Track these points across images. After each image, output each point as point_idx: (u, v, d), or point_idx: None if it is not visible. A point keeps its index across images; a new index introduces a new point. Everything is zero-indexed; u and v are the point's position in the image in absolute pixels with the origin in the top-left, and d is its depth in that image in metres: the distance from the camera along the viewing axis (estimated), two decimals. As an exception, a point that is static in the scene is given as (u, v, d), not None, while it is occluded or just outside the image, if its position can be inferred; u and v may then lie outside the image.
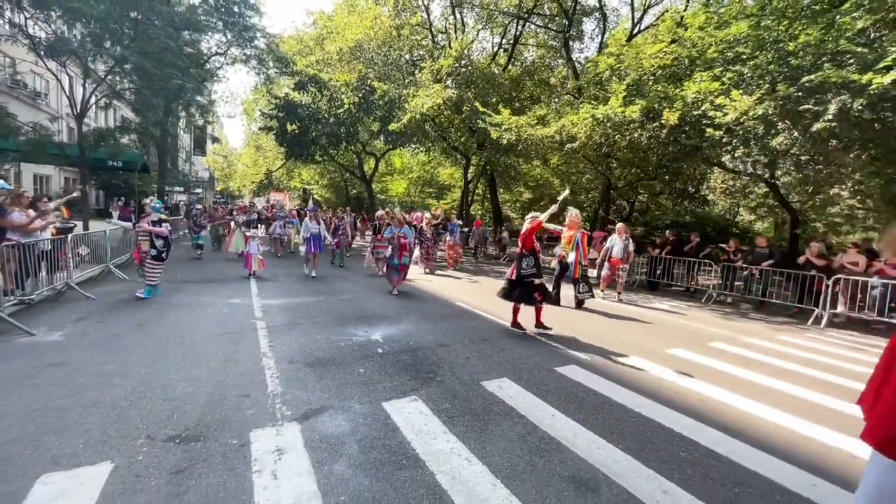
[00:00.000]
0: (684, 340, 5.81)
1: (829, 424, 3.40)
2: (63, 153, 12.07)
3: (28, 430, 2.76)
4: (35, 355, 4.09)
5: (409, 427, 3.00)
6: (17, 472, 2.34)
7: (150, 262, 6.56)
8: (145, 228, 6.58)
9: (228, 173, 45.70)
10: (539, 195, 22.85)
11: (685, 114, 9.13)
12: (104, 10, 10.30)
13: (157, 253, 6.56)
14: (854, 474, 2.70)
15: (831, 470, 2.73)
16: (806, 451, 2.98)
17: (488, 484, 2.40)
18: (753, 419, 3.44)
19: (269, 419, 3.04)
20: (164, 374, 3.76)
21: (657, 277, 10.77)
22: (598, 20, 17.47)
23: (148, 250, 6.51)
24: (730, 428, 3.23)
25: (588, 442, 2.92)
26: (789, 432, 3.24)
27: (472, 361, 4.46)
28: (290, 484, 2.32)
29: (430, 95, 14.16)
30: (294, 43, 22.06)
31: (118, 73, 12.31)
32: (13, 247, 5.43)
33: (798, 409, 3.69)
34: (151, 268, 6.58)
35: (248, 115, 30.84)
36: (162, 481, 2.31)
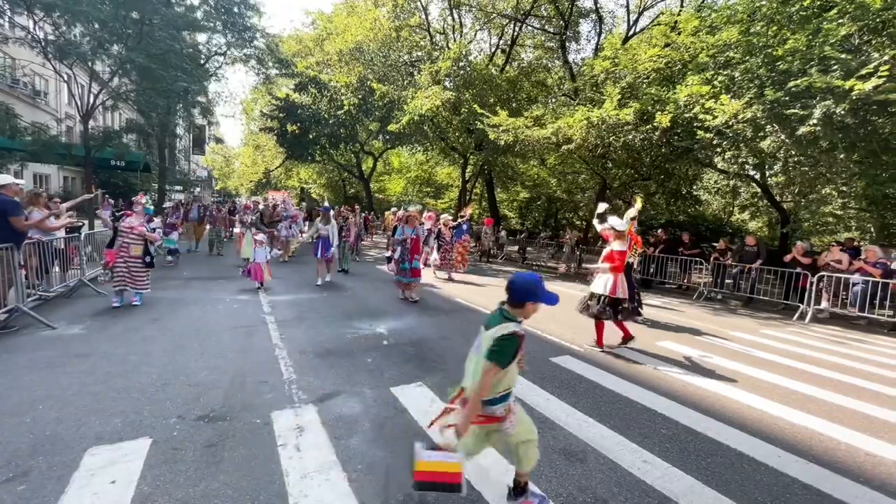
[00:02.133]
0: (673, 334, 6.12)
1: (799, 407, 3.71)
2: (69, 153, 12.27)
3: (69, 411, 3.03)
4: (60, 346, 4.35)
5: (417, 409, 3.28)
6: (66, 446, 2.61)
7: (140, 268, 5.97)
8: (140, 231, 5.96)
9: (227, 172, 45.79)
10: (536, 195, 23.15)
11: (677, 116, 9.45)
12: (109, 13, 10.52)
13: (150, 260, 6.08)
14: (816, 448, 3.01)
15: (795, 444, 3.04)
16: (775, 429, 3.28)
17: (490, 456, 2.68)
18: (729, 402, 3.74)
19: (287, 402, 3.32)
20: (186, 363, 4.03)
21: (650, 275, 11.08)
22: (595, 22, 17.78)
23: (140, 256, 5.94)
24: (707, 409, 3.54)
25: (579, 421, 3.22)
26: (760, 412, 3.55)
27: (473, 352, 4.74)
28: (311, 455, 2.60)
29: (429, 97, 14.42)
30: (293, 43, 22.25)
31: (123, 74, 12.53)
32: (34, 244, 5.67)
33: (772, 393, 3.99)
34: (141, 275, 6.01)
35: (247, 114, 31.02)
36: (198, 453, 2.59)
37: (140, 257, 5.95)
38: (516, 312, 2.01)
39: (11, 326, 4.86)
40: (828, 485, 2.58)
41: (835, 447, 3.06)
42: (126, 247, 5.87)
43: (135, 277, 5.93)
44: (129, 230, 5.90)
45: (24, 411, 2.99)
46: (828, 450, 3.01)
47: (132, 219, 5.94)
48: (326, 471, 2.45)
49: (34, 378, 3.54)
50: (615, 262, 4.97)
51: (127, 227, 5.89)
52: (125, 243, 5.88)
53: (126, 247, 5.87)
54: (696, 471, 2.65)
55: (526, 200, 25.41)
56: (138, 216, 6.02)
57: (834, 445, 3.08)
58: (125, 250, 5.87)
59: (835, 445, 3.08)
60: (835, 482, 2.61)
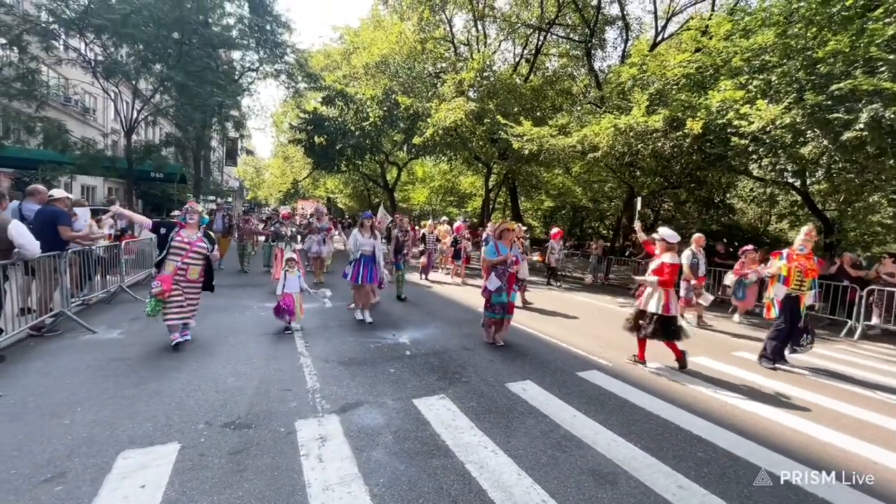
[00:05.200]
0: (707, 349, 5.83)
1: (851, 432, 3.43)
2: (113, 166, 13.01)
3: (104, 414, 3.14)
4: (100, 350, 4.54)
5: (439, 422, 3.23)
6: (100, 448, 2.69)
7: (196, 295, 4.78)
8: (199, 250, 4.63)
9: (257, 182, 47.43)
10: (561, 203, 22.83)
11: (709, 123, 9.13)
12: (152, 34, 11.17)
13: (211, 284, 4.90)
14: (874, 477, 2.76)
15: (849, 473, 2.80)
16: (825, 455, 3.04)
17: (513, 473, 2.60)
18: (772, 425, 3.50)
19: (310, 411, 3.33)
20: (214, 369, 4.13)
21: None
22: (621, 29, 17.54)
23: (198, 279, 4.71)
24: (748, 432, 3.32)
25: (608, 440, 3.08)
26: (807, 437, 3.30)
27: (496, 364, 4.66)
28: (334, 466, 2.59)
29: (452, 109, 14.52)
30: (321, 58, 22.96)
31: (163, 91, 13.25)
32: (77, 253, 5.99)
33: (820, 417, 3.72)
34: (195, 301, 4.80)
35: (277, 126, 32.15)
36: (223, 460, 2.62)
37: (198, 281, 4.71)
38: None
39: (56, 330, 5.12)
40: (888, 521, 2.35)
41: (892, 477, 2.80)
42: (184, 269, 4.55)
43: (189, 303, 4.68)
44: (186, 247, 4.57)
45: (64, 412, 3.12)
46: (885, 480, 2.76)
47: (188, 232, 4.63)
48: (348, 483, 2.43)
49: (75, 380, 3.70)
50: (664, 275, 4.59)
51: (183, 242, 4.56)
52: (183, 265, 4.55)
53: (184, 269, 4.55)
54: (737, 499, 2.48)
55: (550, 209, 25.09)
56: (193, 228, 4.71)
57: (892, 476, 2.82)
58: (182, 273, 4.55)
59: (892, 476, 2.82)
60: (896, 518, 2.38)
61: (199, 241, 4.68)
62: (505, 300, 5.15)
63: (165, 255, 4.55)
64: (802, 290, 4.94)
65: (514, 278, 5.36)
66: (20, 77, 11.19)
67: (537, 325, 6.59)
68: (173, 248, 4.55)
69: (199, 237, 4.71)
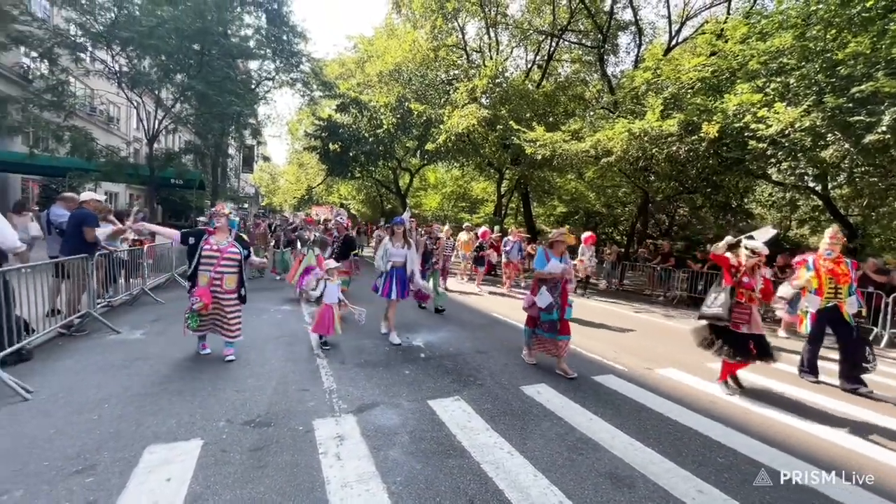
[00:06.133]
0: (726, 355, 5.71)
1: (879, 442, 3.33)
2: (136, 173, 13.42)
3: (130, 410, 3.24)
4: (124, 350, 4.68)
5: (454, 423, 3.25)
6: (127, 443, 2.78)
7: (234, 306, 4.34)
8: (232, 256, 4.28)
9: (273, 189, 48.26)
10: (574, 209, 22.70)
11: (726, 126, 9.02)
12: (174, 45, 11.55)
13: (244, 293, 4.46)
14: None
15: (877, 482, 2.72)
16: (851, 464, 2.96)
17: (529, 474, 2.60)
18: (795, 431, 3.43)
19: (328, 410, 3.38)
20: (234, 369, 4.21)
21: (698, 293, 10.48)
22: (634, 34, 17.49)
23: (235, 289, 4.33)
24: (771, 439, 3.25)
25: (625, 444, 3.05)
26: (830, 444, 3.23)
27: (511, 368, 4.66)
28: (352, 464, 2.63)
29: (465, 116, 14.62)
30: (336, 66, 23.38)
31: (184, 100, 13.65)
32: (104, 255, 6.20)
33: (844, 424, 3.62)
34: (235, 315, 4.36)
35: (293, 134, 32.74)
36: (244, 456, 2.68)
37: (235, 291, 4.33)
38: None
39: (83, 330, 5.30)
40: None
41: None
42: (219, 278, 4.22)
43: (229, 319, 4.30)
44: (217, 254, 4.22)
45: (92, 408, 3.23)
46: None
47: (217, 238, 4.31)
48: (366, 481, 2.46)
49: (102, 378, 3.82)
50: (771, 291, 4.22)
51: (213, 250, 4.22)
52: (217, 274, 4.20)
53: (219, 278, 4.22)
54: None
55: (563, 215, 24.95)
56: (223, 233, 4.35)
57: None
58: (218, 284, 4.23)
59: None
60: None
61: (231, 246, 4.31)
62: (556, 317, 4.48)
63: (196, 266, 4.19)
64: (840, 298, 4.57)
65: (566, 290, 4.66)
66: (50, 88, 11.67)
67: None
68: (204, 258, 4.19)
69: (231, 242, 4.34)
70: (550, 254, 4.59)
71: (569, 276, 4.65)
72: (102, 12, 11.39)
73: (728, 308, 4.03)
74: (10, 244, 3.98)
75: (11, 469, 2.44)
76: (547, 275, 4.47)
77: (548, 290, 4.46)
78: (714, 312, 4.12)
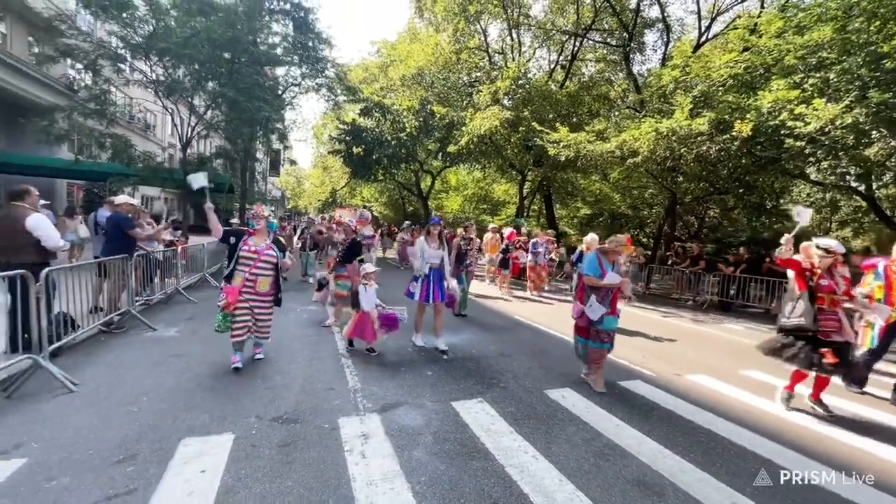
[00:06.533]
0: (760, 362, 5.47)
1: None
2: (171, 177, 14.01)
3: (166, 404, 3.38)
4: (160, 347, 4.89)
5: (478, 425, 3.24)
6: (164, 435, 2.90)
7: (266, 308, 4.32)
8: (268, 259, 4.21)
9: (298, 192, 49.46)
10: (598, 210, 22.29)
11: (760, 124, 8.68)
12: (207, 54, 12.02)
13: (279, 297, 4.43)
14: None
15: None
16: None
17: (555, 479, 2.57)
18: (835, 444, 3.25)
19: (352, 409, 3.43)
20: (262, 367, 4.34)
21: (730, 298, 10.10)
22: (661, 32, 17.05)
23: (269, 292, 4.29)
24: (810, 451, 3.10)
25: (653, 451, 2.97)
26: (872, 457, 3.04)
27: (534, 371, 4.61)
28: (377, 463, 2.66)
29: (487, 118, 14.60)
30: (360, 71, 23.79)
31: (215, 107, 14.18)
32: (141, 256, 6.51)
33: (891, 437, 3.41)
34: (267, 317, 4.38)
35: (318, 138, 33.48)
36: (273, 451, 2.75)
37: (269, 294, 4.30)
38: None
39: (122, 327, 5.57)
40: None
41: None
42: (252, 280, 4.16)
43: (259, 321, 4.30)
44: (254, 256, 4.16)
45: (131, 402, 3.38)
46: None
47: (255, 240, 4.25)
48: (391, 480, 2.49)
49: (140, 373, 4.01)
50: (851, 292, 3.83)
51: (251, 251, 4.16)
52: (251, 276, 4.15)
53: (252, 280, 4.16)
54: (798, 519, 2.32)
55: (587, 217, 24.54)
56: (261, 235, 4.31)
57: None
58: (251, 285, 4.17)
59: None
60: None
61: (268, 248, 4.24)
62: (614, 326, 4.16)
63: (234, 265, 4.17)
64: None
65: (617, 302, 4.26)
66: (94, 98, 12.35)
67: (571, 332, 6.43)
68: (241, 258, 4.15)
69: (268, 244, 4.28)
70: (605, 261, 4.15)
71: (625, 289, 4.31)
72: (142, 25, 11.98)
73: (812, 316, 3.62)
74: (53, 244, 4.23)
75: (59, 456, 2.59)
76: (605, 285, 4.02)
77: (599, 300, 4.06)
78: (796, 324, 3.70)
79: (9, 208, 4.19)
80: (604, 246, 4.26)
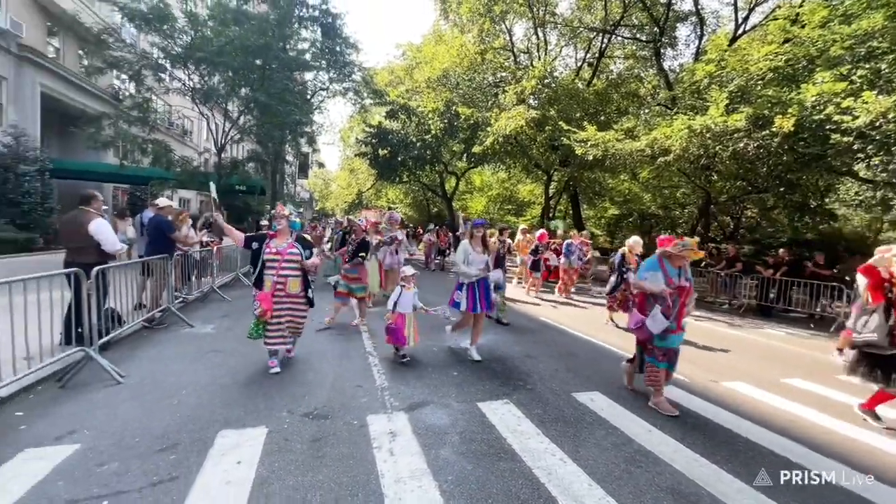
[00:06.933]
0: (803, 370, 5.21)
1: None
2: (207, 180, 14.63)
3: (204, 398, 3.53)
4: (197, 343, 5.11)
5: (504, 426, 3.22)
6: (202, 426, 3.03)
7: (302, 308, 4.29)
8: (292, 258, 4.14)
9: (325, 194, 50.60)
10: (627, 211, 21.72)
11: (803, 119, 8.24)
12: (241, 62, 12.49)
13: (311, 296, 4.33)
14: None
15: None
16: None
17: (584, 483, 2.52)
18: (886, 457, 3.04)
19: (380, 407, 3.48)
20: (293, 364, 4.46)
21: (770, 302, 9.62)
22: (694, 25, 16.47)
23: (301, 292, 4.22)
24: (858, 464, 2.91)
25: (688, 459, 2.87)
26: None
27: (561, 374, 4.54)
28: (405, 460, 2.69)
29: (513, 117, 14.49)
30: (386, 74, 24.12)
31: (247, 112, 14.72)
32: (181, 255, 6.82)
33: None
34: (301, 316, 4.34)
35: (344, 141, 34.18)
36: (305, 445, 2.83)
37: (301, 295, 4.24)
38: None
39: (163, 323, 5.85)
40: None
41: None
42: (282, 282, 4.11)
43: (296, 323, 4.30)
44: (277, 258, 4.09)
45: (172, 394, 3.56)
46: None
47: (277, 241, 4.18)
48: (419, 478, 2.51)
49: (179, 368, 4.20)
50: None
51: (273, 253, 4.10)
52: (280, 278, 4.08)
53: (282, 282, 4.11)
54: (848, 536, 2.19)
55: (615, 217, 23.96)
56: (283, 235, 4.24)
57: None
58: (281, 288, 4.12)
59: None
60: None
61: (290, 247, 4.15)
62: (676, 345, 3.73)
63: (261, 270, 4.11)
64: None
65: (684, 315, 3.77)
66: (137, 106, 13.06)
67: (600, 335, 6.31)
68: (267, 262, 4.10)
69: (290, 243, 4.19)
70: (670, 267, 3.73)
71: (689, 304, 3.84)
72: (181, 35, 12.58)
73: (886, 331, 3.34)
74: (111, 247, 4.52)
75: (109, 442, 2.75)
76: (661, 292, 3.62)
77: (662, 312, 3.58)
78: (867, 339, 3.43)
79: (77, 212, 4.52)
80: (668, 250, 3.78)
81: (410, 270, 4.90)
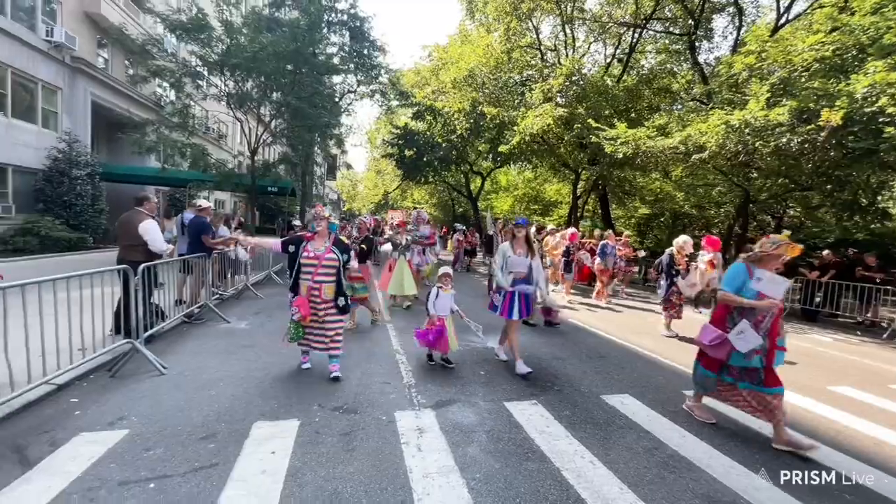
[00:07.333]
0: (853, 378, 4.90)
1: None
2: (241, 182, 15.24)
3: (240, 390, 3.68)
4: (233, 338, 5.32)
5: (532, 427, 3.20)
6: (239, 418, 3.17)
7: (334, 316, 3.96)
8: (330, 262, 3.90)
9: (353, 195, 51.58)
10: (658, 210, 21.04)
11: (852, 112, 7.75)
12: (273, 67, 12.93)
13: (345, 303, 4.03)
14: None
15: None
16: None
17: (615, 486, 2.47)
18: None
19: (408, 404, 3.53)
20: (323, 360, 4.54)
21: (816, 306, 9.11)
22: (732, 16, 15.78)
23: (334, 299, 3.94)
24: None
25: (725, 467, 2.76)
26: None
27: (590, 376, 4.46)
28: (432, 457, 2.72)
29: (540, 115, 14.30)
30: (412, 75, 24.33)
31: (279, 115, 15.23)
32: (218, 254, 7.13)
33: None
34: (336, 327, 4.00)
35: (371, 143, 34.75)
36: (335, 439, 2.91)
37: (334, 301, 3.95)
38: None
39: (201, 318, 6.13)
40: None
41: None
42: (318, 288, 3.88)
43: (329, 332, 3.95)
44: (315, 262, 3.87)
45: (210, 386, 3.72)
46: None
47: (315, 244, 3.96)
48: (447, 474, 2.53)
49: (216, 361, 4.39)
50: None
51: (311, 257, 3.89)
52: (315, 283, 3.87)
53: (318, 288, 3.88)
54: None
55: (646, 217, 23.25)
56: (322, 237, 3.99)
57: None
58: (316, 293, 3.89)
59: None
60: None
61: (328, 251, 3.91)
62: (760, 365, 3.13)
63: (297, 274, 3.93)
64: None
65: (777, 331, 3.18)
66: (177, 112, 13.76)
67: (631, 338, 6.15)
68: (303, 266, 3.90)
69: (328, 247, 3.94)
70: (760, 274, 3.10)
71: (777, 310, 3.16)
72: (217, 43, 13.15)
73: None
74: (157, 247, 4.80)
75: (155, 429, 2.92)
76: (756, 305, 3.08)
77: (753, 326, 3.07)
78: None
79: (132, 212, 4.82)
80: (756, 253, 3.22)
81: (449, 270, 4.74)
